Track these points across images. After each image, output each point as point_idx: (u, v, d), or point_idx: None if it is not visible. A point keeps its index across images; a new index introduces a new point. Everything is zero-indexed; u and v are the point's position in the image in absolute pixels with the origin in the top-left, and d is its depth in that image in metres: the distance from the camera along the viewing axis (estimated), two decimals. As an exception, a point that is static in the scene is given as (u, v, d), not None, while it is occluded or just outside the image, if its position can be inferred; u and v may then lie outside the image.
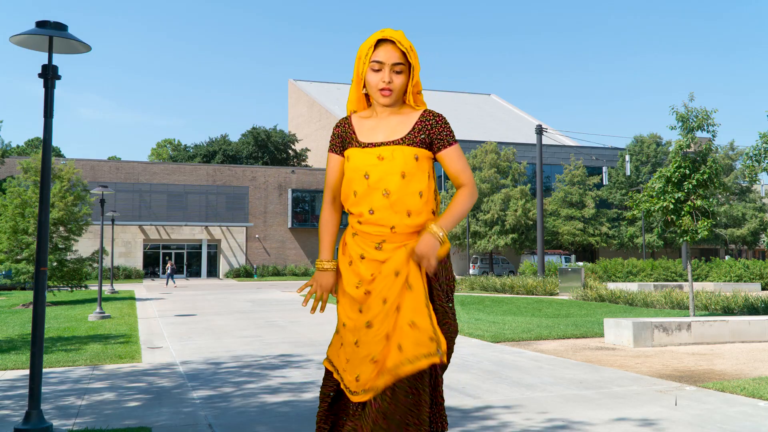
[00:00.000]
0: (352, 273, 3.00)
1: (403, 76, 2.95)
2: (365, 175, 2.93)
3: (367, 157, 2.95)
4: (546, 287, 24.29)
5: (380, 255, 2.94)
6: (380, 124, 3.01)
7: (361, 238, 2.99)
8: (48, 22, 5.31)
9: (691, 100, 14.43)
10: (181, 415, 5.84)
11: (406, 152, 2.92)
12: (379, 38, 2.94)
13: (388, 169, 2.91)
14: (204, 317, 16.26)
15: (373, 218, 2.92)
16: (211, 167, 50.37)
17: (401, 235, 2.94)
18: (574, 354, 9.48)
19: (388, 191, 2.90)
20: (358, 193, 2.95)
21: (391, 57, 2.92)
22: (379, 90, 2.94)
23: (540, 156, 29.42)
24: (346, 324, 2.98)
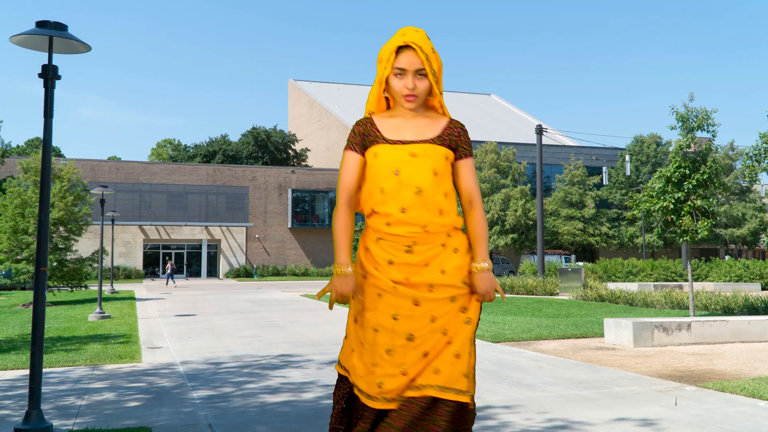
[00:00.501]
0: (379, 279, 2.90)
1: (426, 80, 2.95)
2: (395, 172, 2.89)
3: (398, 154, 2.91)
4: (546, 287, 24.30)
5: (411, 258, 2.88)
6: (406, 123, 3.00)
7: (388, 242, 2.90)
8: (48, 22, 5.31)
9: (691, 100, 14.44)
10: (181, 415, 5.84)
11: (438, 150, 2.94)
12: (399, 45, 2.94)
13: (421, 166, 2.90)
14: (204, 317, 16.26)
15: (404, 217, 2.87)
16: (211, 167, 50.37)
17: (432, 235, 2.90)
18: (574, 354, 9.48)
19: (421, 188, 2.88)
20: (386, 190, 2.89)
21: (413, 63, 2.92)
22: (403, 96, 2.94)
23: (540, 156, 29.42)
24: (379, 330, 2.87)
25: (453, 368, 2.84)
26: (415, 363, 2.85)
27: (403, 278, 2.87)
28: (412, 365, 2.84)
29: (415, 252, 2.89)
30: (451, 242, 2.94)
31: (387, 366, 2.85)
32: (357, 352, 2.94)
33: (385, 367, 2.85)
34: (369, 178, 2.95)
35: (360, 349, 2.93)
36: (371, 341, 2.89)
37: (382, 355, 2.86)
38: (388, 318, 2.87)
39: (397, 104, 3.05)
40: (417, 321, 2.86)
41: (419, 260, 2.88)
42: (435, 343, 2.87)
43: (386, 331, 2.87)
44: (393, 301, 2.87)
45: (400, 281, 2.87)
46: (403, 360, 2.84)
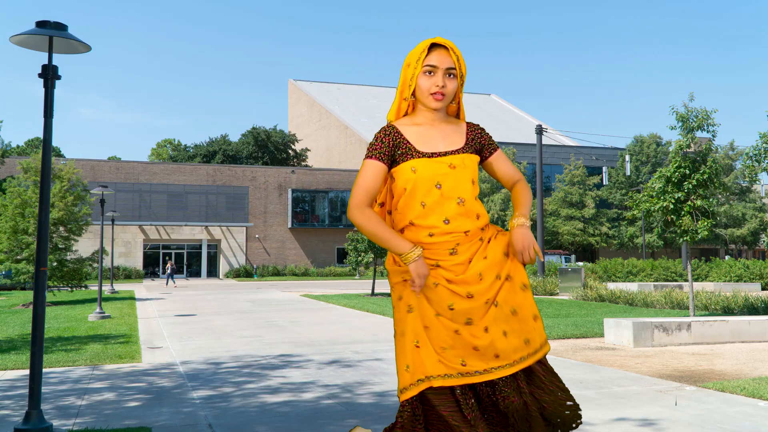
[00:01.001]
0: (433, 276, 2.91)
1: (454, 82, 2.96)
2: (437, 185, 2.90)
3: (438, 167, 2.92)
4: (546, 287, 24.29)
5: (457, 258, 2.93)
6: (433, 132, 3.00)
7: (431, 250, 2.92)
8: (48, 22, 5.31)
9: (691, 100, 14.44)
10: (181, 415, 5.84)
11: (473, 160, 3.02)
12: (431, 43, 2.95)
13: (461, 177, 2.94)
14: (204, 317, 16.26)
15: (449, 227, 2.91)
16: (211, 167, 50.37)
17: (472, 236, 2.97)
18: (574, 354, 9.48)
19: (463, 199, 2.93)
20: (428, 204, 2.90)
21: (444, 61, 2.93)
22: (431, 94, 2.94)
23: (540, 156, 29.41)
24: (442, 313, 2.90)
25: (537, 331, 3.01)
26: (482, 337, 2.90)
27: (454, 275, 2.92)
28: (481, 340, 2.90)
29: (459, 252, 2.94)
30: (486, 234, 3.03)
31: (459, 345, 2.90)
32: (422, 342, 2.90)
33: (457, 346, 2.90)
34: (408, 192, 2.92)
35: (425, 335, 2.91)
36: (435, 323, 2.91)
37: (452, 336, 2.90)
38: (445, 305, 2.91)
39: (417, 109, 3.03)
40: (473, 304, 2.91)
41: (464, 259, 2.94)
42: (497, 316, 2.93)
43: (447, 314, 2.91)
44: (447, 293, 2.91)
45: (453, 279, 2.92)
46: (471, 338, 2.90)
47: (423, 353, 2.89)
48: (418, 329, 2.91)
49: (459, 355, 2.89)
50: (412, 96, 3.02)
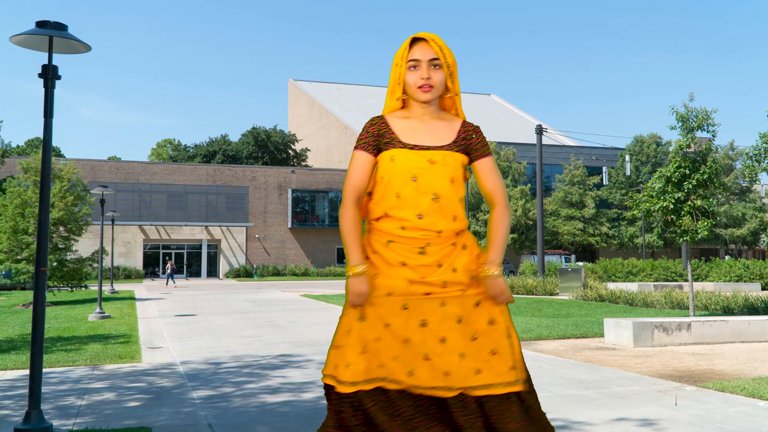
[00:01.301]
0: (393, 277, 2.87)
1: (441, 72, 2.93)
2: (413, 178, 2.87)
3: (417, 159, 2.90)
4: (546, 287, 24.29)
5: (425, 259, 2.88)
6: (422, 126, 2.98)
7: (400, 245, 2.89)
8: (48, 22, 5.31)
9: (691, 100, 14.43)
10: (181, 415, 5.84)
11: (456, 158, 2.94)
12: (413, 38, 2.97)
13: (439, 174, 2.89)
14: (204, 317, 16.26)
15: (421, 223, 2.86)
16: (211, 167, 50.37)
17: (445, 238, 2.90)
18: (574, 354, 9.48)
19: (438, 195, 2.87)
20: (403, 195, 2.87)
21: (426, 53, 2.92)
22: (418, 87, 2.93)
23: (540, 156, 29.42)
24: (391, 324, 2.84)
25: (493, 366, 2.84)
26: (434, 349, 2.82)
27: (418, 277, 2.87)
28: (432, 351, 2.82)
29: (428, 253, 2.88)
30: (459, 240, 2.95)
31: (408, 354, 2.82)
32: (371, 350, 2.85)
33: (407, 356, 2.82)
34: (384, 181, 2.91)
35: (374, 345, 2.86)
36: (385, 335, 2.85)
37: (400, 346, 2.83)
38: (398, 311, 2.85)
39: (410, 105, 3.02)
40: (428, 309, 2.85)
41: (433, 261, 2.88)
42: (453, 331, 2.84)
43: (400, 322, 2.85)
44: (402, 299, 2.86)
45: (416, 280, 2.87)
46: (423, 348, 2.82)
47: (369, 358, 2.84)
48: (366, 338, 2.86)
49: (408, 364, 2.82)
50: (404, 94, 3.02)
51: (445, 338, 2.84)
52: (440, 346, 2.83)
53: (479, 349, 2.86)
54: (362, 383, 2.83)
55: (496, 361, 2.86)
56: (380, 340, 2.85)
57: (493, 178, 3.00)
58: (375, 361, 2.84)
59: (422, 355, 2.82)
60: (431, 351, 2.83)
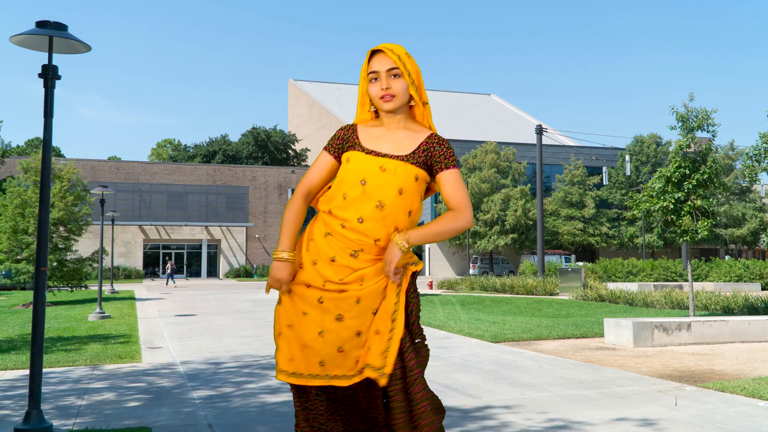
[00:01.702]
0: (315, 273, 2.94)
1: (401, 81, 2.94)
2: (362, 181, 2.89)
3: (369, 164, 2.92)
4: (546, 287, 24.29)
5: (354, 263, 2.90)
6: (386, 135, 3.00)
7: (336, 240, 2.91)
8: (48, 22, 5.31)
9: (691, 100, 14.43)
10: (181, 415, 5.84)
11: (409, 170, 2.92)
12: (371, 51, 2.99)
13: (387, 182, 2.89)
14: (204, 317, 16.26)
15: (361, 227, 2.88)
16: (211, 167, 50.38)
17: (380, 249, 2.92)
18: (574, 354, 9.48)
19: (383, 204, 2.88)
20: (349, 197, 2.90)
21: (384, 64, 2.94)
22: (380, 98, 2.94)
23: (540, 156, 29.41)
24: (308, 313, 2.93)
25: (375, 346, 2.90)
26: (349, 341, 2.90)
27: (338, 279, 2.91)
28: (347, 343, 2.90)
29: (360, 259, 2.91)
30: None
31: (321, 346, 2.90)
32: (284, 336, 2.98)
33: (318, 347, 2.91)
34: (336, 180, 2.99)
35: (288, 332, 2.97)
36: (299, 324, 2.95)
37: (314, 337, 2.91)
38: (315, 303, 2.93)
39: (381, 115, 3.04)
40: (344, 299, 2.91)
41: (360, 266, 2.92)
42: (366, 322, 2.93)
43: (316, 312, 2.92)
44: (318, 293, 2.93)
45: (334, 281, 2.91)
46: (337, 338, 2.90)
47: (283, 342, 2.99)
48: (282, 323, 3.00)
49: (318, 355, 2.91)
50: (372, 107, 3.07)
51: (361, 333, 2.92)
52: (356, 340, 2.91)
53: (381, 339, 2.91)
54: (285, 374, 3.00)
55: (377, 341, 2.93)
56: (294, 327, 2.96)
57: (456, 190, 2.94)
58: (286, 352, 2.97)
59: (336, 346, 2.91)
60: (345, 344, 2.91)
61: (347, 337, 2.90)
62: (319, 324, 2.91)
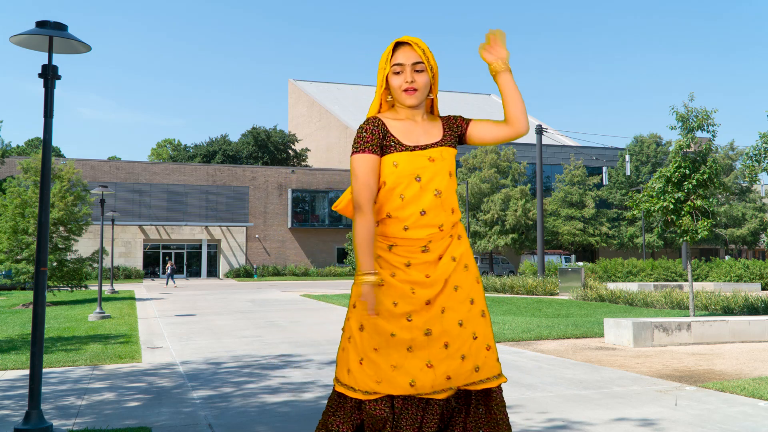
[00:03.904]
0: (400, 282, 2.91)
1: (425, 75, 2.98)
2: (416, 178, 2.93)
3: (418, 160, 2.95)
4: (546, 287, 24.29)
5: (428, 256, 2.94)
6: (416, 127, 3.04)
7: (402, 247, 2.93)
8: (48, 22, 5.31)
9: (691, 100, 14.43)
10: (181, 415, 5.84)
11: (451, 152, 3.04)
12: (396, 42, 3.01)
13: (439, 169, 2.97)
14: (204, 317, 16.26)
15: (424, 219, 2.92)
16: (211, 167, 50.37)
17: (444, 233, 2.98)
18: (574, 354, 9.48)
19: (440, 190, 2.95)
20: (407, 196, 2.92)
21: (410, 57, 2.97)
22: (403, 91, 2.97)
23: (540, 156, 29.42)
24: (396, 334, 2.88)
25: (488, 360, 2.98)
26: (438, 355, 2.90)
27: (423, 276, 2.92)
28: (435, 357, 2.89)
29: (431, 249, 2.95)
30: (455, 231, 3.04)
31: (411, 362, 2.88)
32: (368, 360, 2.91)
33: (408, 365, 2.88)
34: (387, 186, 2.94)
35: (374, 355, 2.90)
36: (387, 345, 2.89)
37: (404, 354, 2.89)
38: (403, 321, 2.90)
39: (396, 107, 3.06)
40: (431, 316, 2.91)
41: (434, 257, 2.95)
42: (456, 335, 2.92)
43: (404, 331, 2.89)
44: (408, 305, 2.90)
45: (420, 281, 2.91)
46: (427, 353, 2.89)
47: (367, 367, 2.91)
48: (365, 348, 2.92)
49: (409, 374, 2.88)
50: (390, 97, 3.08)
51: (448, 343, 2.92)
52: (444, 352, 2.91)
53: (479, 349, 2.97)
54: (359, 392, 2.90)
55: (492, 355, 3.01)
56: (379, 351, 2.90)
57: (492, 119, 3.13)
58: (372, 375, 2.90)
59: (425, 362, 2.89)
60: (434, 358, 2.90)
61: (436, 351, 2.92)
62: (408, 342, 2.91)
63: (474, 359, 2.94)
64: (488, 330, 3.03)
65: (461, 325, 2.93)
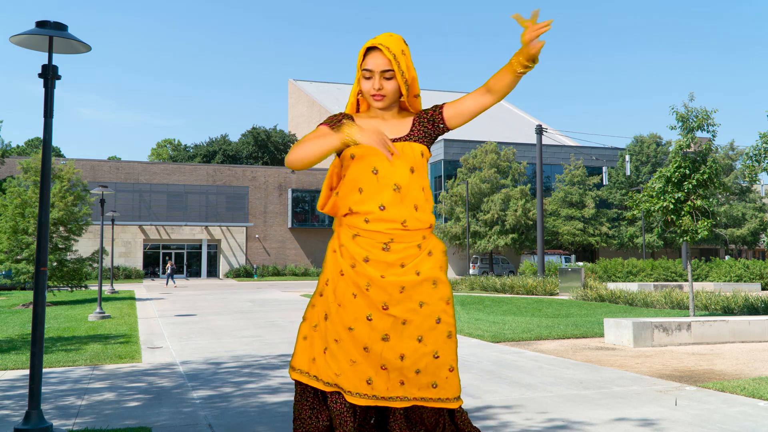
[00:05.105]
0: (357, 275, 2.91)
1: (394, 82, 2.96)
2: (374, 170, 2.91)
3: (376, 153, 2.93)
4: (546, 287, 24.28)
5: (388, 256, 2.91)
6: (381, 124, 3.04)
7: (365, 239, 2.92)
8: (48, 22, 5.31)
9: (691, 100, 14.43)
10: (181, 415, 5.84)
11: (414, 147, 2.98)
12: (368, 46, 2.97)
13: (397, 164, 2.92)
14: (204, 317, 16.26)
15: (383, 214, 2.89)
16: (211, 167, 50.37)
17: (410, 233, 2.93)
18: (574, 354, 9.48)
19: (399, 185, 2.91)
20: (365, 189, 2.91)
21: (379, 65, 2.94)
22: (371, 96, 2.98)
23: (540, 156, 29.41)
24: (354, 328, 2.89)
25: (449, 381, 2.95)
26: (393, 362, 2.89)
27: (378, 276, 2.89)
28: (390, 363, 2.89)
29: (392, 250, 2.91)
30: (426, 244, 2.98)
31: (367, 363, 2.89)
32: (330, 350, 2.93)
33: (365, 364, 2.89)
34: (345, 179, 2.96)
35: (334, 346, 2.92)
36: (346, 338, 2.90)
37: (360, 352, 2.89)
38: (363, 317, 2.90)
39: (371, 107, 3.08)
40: (391, 324, 2.90)
41: (395, 259, 2.91)
42: (413, 349, 2.90)
43: (363, 327, 2.89)
44: (367, 302, 2.90)
45: (375, 279, 2.89)
46: (383, 358, 2.89)
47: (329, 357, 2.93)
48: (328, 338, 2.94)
49: (366, 372, 2.89)
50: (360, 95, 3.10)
51: (404, 356, 2.90)
52: (398, 362, 2.90)
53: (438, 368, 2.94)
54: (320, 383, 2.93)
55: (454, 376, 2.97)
56: (339, 342, 2.91)
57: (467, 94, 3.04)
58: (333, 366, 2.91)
59: (380, 363, 2.90)
60: (389, 364, 2.90)
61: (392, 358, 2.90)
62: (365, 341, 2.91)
63: (431, 376, 2.92)
64: (452, 352, 2.98)
65: (420, 341, 2.90)
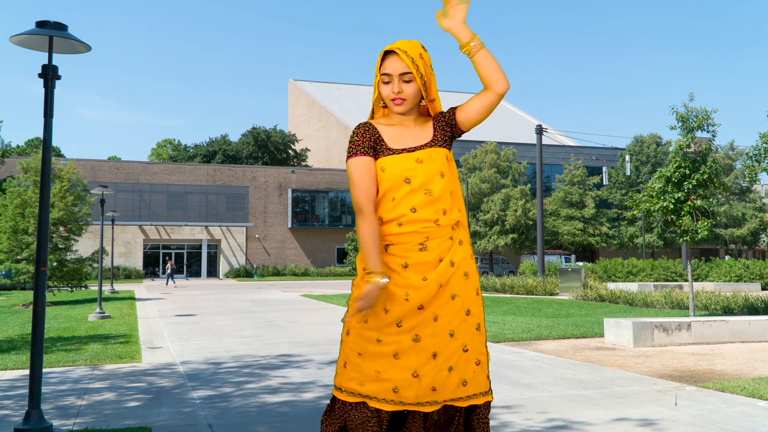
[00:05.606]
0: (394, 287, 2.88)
1: (413, 85, 2.97)
2: (406, 180, 2.92)
3: (406, 162, 2.94)
4: (546, 287, 24.28)
5: (426, 255, 2.91)
6: (406, 132, 3.04)
7: (399, 245, 2.92)
8: (48, 22, 5.31)
9: (691, 100, 14.43)
10: (181, 415, 5.84)
11: (440, 152, 3.01)
12: (386, 50, 3.00)
13: (428, 171, 2.94)
14: (204, 317, 16.26)
15: (416, 215, 2.90)
16: (211, 167, 50.36)
17: (442, 228, 2.95)
18: (574, 354, 9.48)
19: (430, 191, 2.93)
20: (397, 198, 2.92)
21: (397, 68, 2.95)
22: (391, 100, 2.99)
23: (540, 156, 29.41)
24: (383, 340, 2.88)
25: (477, 376, 2.96)
26: (425, 364, 2.87)
27: (420, 279, 2.89)
28: (422, 366, 2.87)
29: (429, 248, 2.92)
30: (456, 235, 3.00)
31: (396, 371, 2.86)
32: (351, 364, 2.92)
33: (393, 372, 2.86)
34: (379, 191, 2.96)
35: (358, 360, 2.91)
36: (372, 350, 2.89)
37: (389, 361, 2.87)
38: (392, 328, 2.89)
39: (391, 112, 3.08)
40: (421, 320, 2.89)
41: (433, 257, 2.92)
42: (445, 345, 2.89)
43: (391, 337, 2.88)
44: (398, 313, 2.88)
45: (417, 284, 2.88)
46: (414, 361, 2.87)
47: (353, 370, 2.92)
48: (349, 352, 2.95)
49: (393, 381, 2.86)
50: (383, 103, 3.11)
51: (437, 354, 2.90)
52: (431, 363, 2.89)
53: (468, 362, 2.94)
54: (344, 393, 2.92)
55: (481, 370, 2.98)
56: (363, 355, 2.91)
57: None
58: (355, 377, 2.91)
59: (411, 371, 2.87)
60: (421, 367, 2.88)
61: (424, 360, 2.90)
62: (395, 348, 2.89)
63: (462, 373, 2.91)
64: (481, 345, 2.99)
65: (452, 336, 2.90)
